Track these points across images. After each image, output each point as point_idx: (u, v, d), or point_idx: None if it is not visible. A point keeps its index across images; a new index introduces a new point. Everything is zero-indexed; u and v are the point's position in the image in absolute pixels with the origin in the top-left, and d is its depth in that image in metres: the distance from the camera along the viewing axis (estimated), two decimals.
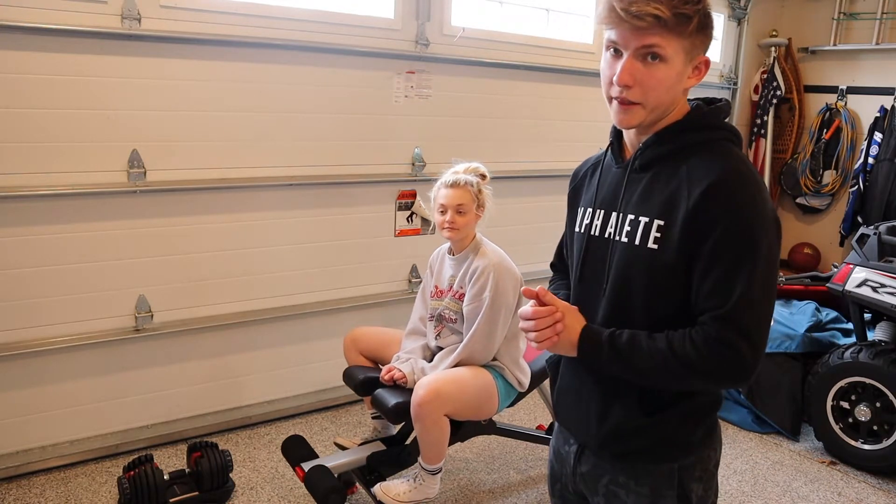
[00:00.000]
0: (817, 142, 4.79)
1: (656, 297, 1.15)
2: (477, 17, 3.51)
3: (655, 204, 1.13)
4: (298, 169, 3.08)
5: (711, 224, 1.07)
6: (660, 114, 1.13)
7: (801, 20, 4.90)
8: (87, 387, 2.77)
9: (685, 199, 1.09)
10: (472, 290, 2.28)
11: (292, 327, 3.23)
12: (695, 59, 1.12)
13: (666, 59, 1.08)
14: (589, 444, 1.28)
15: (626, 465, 1.24)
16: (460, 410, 2.27)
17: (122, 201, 2.71)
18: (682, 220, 1.09)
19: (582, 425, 1.29)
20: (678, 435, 1.21)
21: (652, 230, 1.12)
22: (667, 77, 1.09)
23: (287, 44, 2.92)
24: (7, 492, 2.55)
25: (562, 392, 1.36)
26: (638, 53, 1.08)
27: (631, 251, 1.16)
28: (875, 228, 3.22)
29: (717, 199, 1.07)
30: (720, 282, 1.07)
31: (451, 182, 2.31)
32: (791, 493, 2.81)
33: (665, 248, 1.11)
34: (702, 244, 1.08)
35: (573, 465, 1.32)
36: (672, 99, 1.13)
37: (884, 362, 2.87)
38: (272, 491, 2.65)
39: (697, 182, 1.09)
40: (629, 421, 1.20)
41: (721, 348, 1.07)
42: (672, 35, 1.06)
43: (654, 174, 1.16)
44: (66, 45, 2.49)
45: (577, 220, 1.31)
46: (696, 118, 1.16)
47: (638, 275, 1.15)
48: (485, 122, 3.62)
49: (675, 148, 1.15)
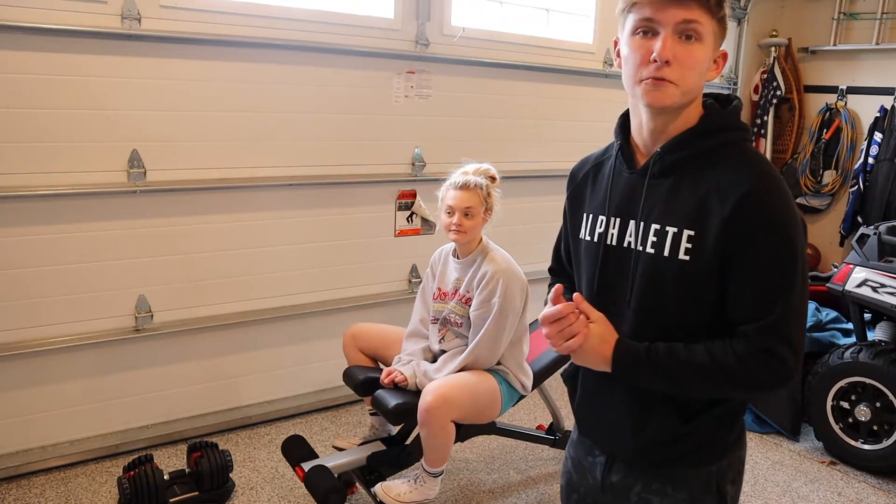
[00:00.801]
0: (817, 142, 4.79)
1: (689, 307, 1.11)
2: (477, 17, 3.51)
3: (683, 213, 1.09)
4: (298, 169, 3.08)
5: (750, 233, 1.04)
6: (688, 100, 1.10)
7: (801, 20, 4.90)
8: (88, 387, 2.77)
9: (718, 208, 1.06)
10: (481, 295, 2.27)
11: (292, 327, 3.23)
12: (717, 47, 1.10)
13: (702, 38, 1.05)
14: (622, 454, 1.25)
15: (662, 472, 1.21)
16: (466, 415, 2.27)
17: (122, 201, 2.71)
18: (717, 230, 1.05)
19: (613, 437, 1.26)
20: (715, 438, 1.19)
21: (682, 241, 1.08)
22: (703, 58, 1.07)
23: (287, 44, 2.92)
24: (7, 492, 2.55)
25: (585, 404, 1.33)
26: (677, 29, 1.05)
27: (659, 263, 1.11)
28: (875, 228, 3.22)
29: (754, 207, 1.04)
30: (763, 291, 1.05)
31: (461, 184, 2.29)
32: (791, 493, 2.81)
33: (698, 259, 1.07)
34: (740, 252, 1.05)
35: (601, 476, 1.29)
36: (700, 87, 1.10)
37: (884, 362, 2.87)
38: (272, 491, 2.65)
39: (730, 189, 1.05)
40: (668, 430, 1.18)
41: (767, 358, 1.05)
42: (710, 15, 1.05)
43: (676, 180, 1.12)
44: (66, 45, 2.49)
45: (585, 227, 1.26)
46: (717, 120, 1.13)
47: (668, 286, 1.11)
48: (485, 122, 3.62)
49: (698, 152, 1.11)
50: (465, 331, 2.34)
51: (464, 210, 2.27)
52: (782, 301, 1.05)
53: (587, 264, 1.25)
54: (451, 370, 2.28)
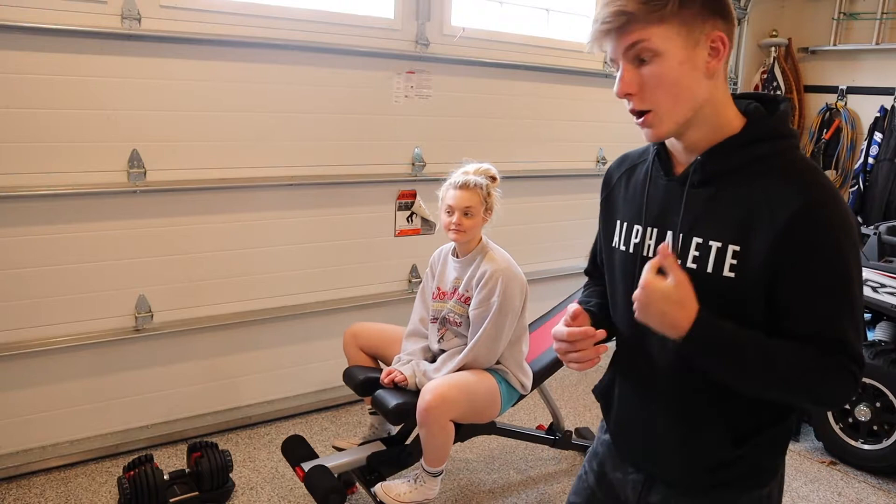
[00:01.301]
0: (817, 142, 4.79)
1: None
2: (477, 17, 3.51)
3: (728, 227, 1.01)
4: (298, 169, 3.08)
5: (807, 250, 0.96)
6: (685, 116, 1.01)
7: (801, 20, 4.90)
8: (88, 387, 2.77)
9: (769, 223, 0.97)
10: (480, 294, 2.27)
11: (292, 327, 3.23)
12: (702, 39, 0.98)
13: (657, 52, 0.96)
14: (667, 476, 1.19)
15: (707, 496, 1.15)
16: (465, 415, 2.27)
17: (122, 201, 2.71)
18: (767, 246, 0.97)
19: (656, 457, 1.19)
20: (766, 461, 1.14)
21: (727, 257, 1.00)
22: (667, 71, 0.97)
23: (287, 44, 2.92)
24: (7, 492, 2.55)
25: (624, 421, 1.25)
26: (629, 58, 0.99)
27: (701, 279, 1.02)
28: (875, 228, 3.22)
29: (809, 224, 0.96)
30: (829, 314, 0.99)
31: (461, 183, 2.29)
32: (791, 493, 2.81)
33: (744, 277, 1.00)
34: (796, 272, 0.97)
35: (634, 496, 1.23)
36: (694, 95, 1.00)
37: (884, 362, 2.87)
38: (272, 491, 2.65)
39: (782, 203, 0.97)
40: (717, 453, 1.11)
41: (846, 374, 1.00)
42: (651, 25, 0.95)
43: (718, 191, 1.03)
44: (66, 45, 2.49)
45: (619, 236, 1.18)
46: (763, 128, 1.03)
47: (711, 304, 1.00)
48: (485, 122, 3.62)
49: (742, 162, 1.02)
50: (464, 330, 2.34)
51: (463, 209, 2.27)
52: (850, 321, 1.00)
53: (622, 277, 1.17)
54: (451, 369, 2.28)
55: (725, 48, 0.99)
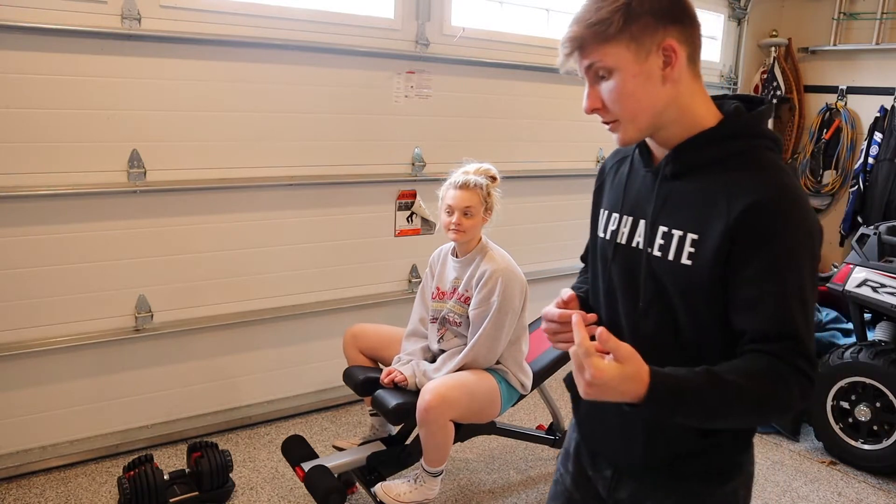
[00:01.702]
0: (817, 142, 4.79)
1: (697, 317, 1.06)
2: (477, 17, 3.51)
3: (689, 216, 1.06)
4: (298, 169, 3.08)
5: (761, 244, 0.98)
6: (649, 121, 1.06)
7: (801, 20, 4.90)
8: (87, 387, 2.77)
9: (725, 214, 1.01)
10: (480, 294, 2.27)
11: (292, 327, 3.23)
12: (653, 49, 1.02)
13: (611, 68, 1.03)
14: (632, 469, 1.20)
15: (678, 490, 1.16)
16: (465, 415, 2.27)
17: (122, 201, 2.71)
18: (719, 236, 1.01)
19: (622, 449, 1.20)
20: (733, 455, 1.15)
21: (686, 245, 1.05)
22: (623, 86, 1.03)
23: (287, 44, 2.92)
24: (7, 492, 2.55)
25: (590, 415, 1.27)
26: (590, 77, 1.07)
27: (665, 266, 1.07)
28: (875, 228, 3.22)
29: (763, 218, 0.98)
30: (778, 309, 0.99)
31: (461, 183, 2.29)
32: (791, 493, 2.81)
33: (700, 265, 1.03)
34: (749, 264, 1.00)
35: (608, 491, 1.24)
36: (653, 102, 1.05)
37: (884, 362, 2.87)
38: (272, 491, 2.65)
39: (740, 196, 1.00)
40: (683, 444, 1.12)
41: (798, 376, 0.99)
42: (600, 45, 1.02)
43: (688, 183, 1.08)
44: (66, 45, 2.49)
45: (602, 224, 1.23)
46: (735, 126, 1.07)
47: (675, 291, 1.07)
48: (485, 122, 3.62)
49: (713, 157, 1.06)
50: (464, 330, 2.34)
51: (463, 209, 2.27)
52: (801, 317, 1.00)
53: (600, 262, 1.22)
54: (450, 369, 2.28)
55: (677, 55, 1.03)
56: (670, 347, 1.09)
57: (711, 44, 4.74)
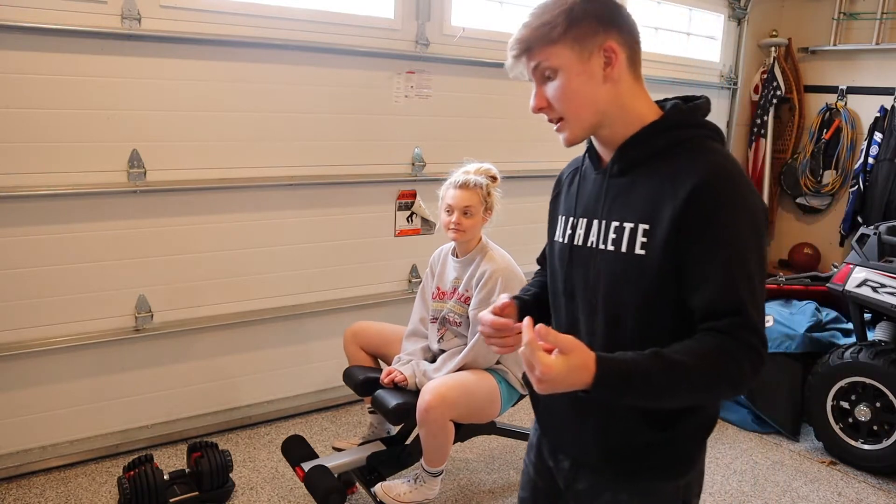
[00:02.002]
0: (817, 142, 4.79)
1: (652, 307, 1.09)
2: (477, 17, 3.51)
3: (639, 208, 1.09)
4: (298, 169, 3.08)
5: (704, 225, 1.02)
6: (594, 121, 1.11)
7: (801, 20, 4.90)
8: (87, 387, 2.77)
9: (671, 200, 1.04)
10: (480, 294, 2.27)
11: (292, 327, 3.23)
12: (595, 50, 1.07)
13: (557, 69, 1.09)
14: (588, 461, 1.22)
15: (632, 483, 1.19)
16: (465, 415, 2.27)
17: (122, 201, 2.71)
18: (669, 221, 1.04)
19: (579, 441, 1.22)
20: (688, 451, 1.17)
21: (638, 235, 1.08)
22: (567, 85, 1.09)
23: (287, 44, 2.92)
24: (7, 492, 2.55)
25: (549, 405, 1.29)
26: (537, 78, 1.12)
27: (619, 259, 1.11)
28: (875, 228, 3.22)
29: (706, 199, 1.02)
30: (724, 284, 1.02)
31: (461, 183, 2.30)
32: (791, 493, 2.81)
33: (653, 253, 1.07)
34: (695, 245, 1.03)
35: (566, 482, 1.27)
36: (597, 101, 1.10)
37: (884, 362, 2.87)
38: (272, 491, 2.65)
39: (683, 182, 1.04)
40: (637, 437, 1.14)
41: (746, 351, 1.01)
42: (546, 47, 1.08)
43: (634, 178, 1.12)
44: (66, 45, 2.49)
45: (559, 230, 1.27)
46: (674, 118, 1.12)
47: (628, 284, 1.10)
48: (485, 122, 3.62)
49: (655, 150, 1.11)
50: (464, 330, 2.34)
51: (463, 209, 2.28)
52: (747, 292, 1.03)
53: (558, 266, 1.26)
54: (450, 369, 2.28)
55: (617, 56, 1.09)
56: (627, 340, 1.10)
57: (711, 44, 4.74)
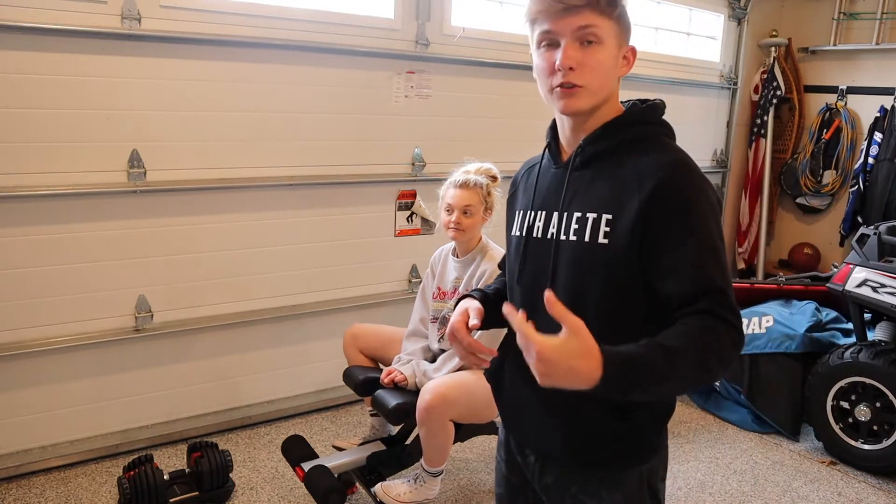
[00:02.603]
0: (817, 142, 4.79)
1: (612, 295, 1.12)
2: (477, 17, 3.51)
3: (602, 199, 1.13)
4: (298, 169, 3.08)
5: (671, 215, 1.07)
6: (600, 100, 1.15)
7: (801, 20, 4.90)
8: (87, 387, 2.77)
9: (636, 192, 1.09)
10: None
11: (293, 327, 3.23)
12: (623, 48, 1.15)
13: (602, 40, 1.11)
14: (554, 454, 1.24)
15: (596, 473, 1.21)
16: (465, 415, 2.27)
17: (122, 201, 2.71)
18: (635, 212, 1.08)
19: (544, 435, 1.24)
20: (649, 437, 1.19)
21: (601, 225, 1.11)
22: (606, 59, 1.12)
23: (287, 44, 2.92)
24: (7, 492, 2.55)
25: (512, 400, 1.31)
26: (575, 37, 1.10)
27: (580, 249, 1.13)
28: (875, 228, 3.22)
29: (672, 191, 1.08)
30: (698, 268, 1.06)
31: (461, 182, 2.30)
32: (791, 493, 2.81)
33: (616, 242, 1.10)
34: (663, 235, 1.07)
35: (535, 476, 1.28)
36: (610, 86, 1.15)
37: (884, 362, 2.87)
38: (272, 491, 2.65)
39: (647, 175, 1.09)
40: (602, 426, 1.16)
41: (728, 328, 1.03)
42: (604, 17, 1.10)
43: (595, 170, 1.16)
44: (66, 45, 2.49)
45: (516, 224, 1.29)
46: (635, 115, 1.18)
47: (590, 273, 1.13)
48: (485, 122, 3.62)
49: (616, 144, 1.16)
50: None
51: (463, 208, 2.28)
52: (719, 274, 1.06)
53: (514, 259, 1.28)
54: (450, 369, 2.28)
55: (633, 59, 1.18)
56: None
57: (711, 44, 4.73)
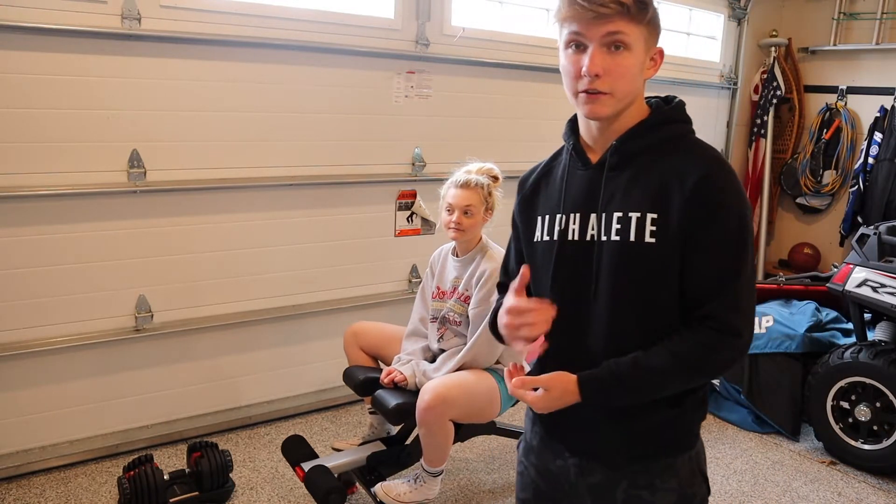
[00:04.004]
0: (817, 142, 4.79)
1: (659, 290, 1.14)
2: (477, 17, 3.51)
3: (644, 198, 1.13)
4: (298, 169, 3.08)
5: (710, 213, 1.10)
6: (625, 105, 1.15)
7: (801, 20, 4.90)
8: (87, 387, 2.77)
9: (679, 190, 1.10)
10: (480, 293, 2.27)
11: (292, 327, 3.23)
12: (651, 50, 1.15)
13: (630, 46, 1.10)
14: (604, 452, 1.23)
15: (647, 465, 1.21)
16: (465, 415, 2.27)
17: (122, 201, 2.71)
18: (679, 210, 1.10)
19: (590, 435, 1.24)
20: (694, 422, 1.23)
21: (647, 224, 1.12)
22: (633, 65, 1.12)
23: (287, 44, 2.92)
24: (7, 492, 2.55)
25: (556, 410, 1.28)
26: (603, 42, 1.09)
27: (626, 248, 1.14)
28: (875, 228, 3.22)
29: (712, 189, 1.10)
30: (722, 267, 1.11)
31: (462, 182, 2.30)
32: (791, 493, 2.81)
33: (664, 241, 1.11)
34: (700, 232, 1.10)
35: (575, 478, 1.26)
36: (636, 89, 1.16)
37: (884, 362, 2.87)
38: (272, 491, 2.65)
39: (689, 173, 1.11)
40: (655, 415, 1.19)
41: (730, 337, 1.11)
42: (633, 23, 1.09)
43: (632, 170, 1.16)
44: (67, 45, 2.49)
45: (541, 229, 1.27)
46: (666, 114, 1.19)
47: (634, 272, 1.14)
48: (485, 122, 3.62)
49: (651, 143, 1.17)
50: (463, 329, 2.34)
51: (463, 208, 2.28)
52: (737, 278, 1.11)
53: (544, 264, 1.25)
54: (450, 369, 2.28)
55: (661, 61, 1.18)
56: (630, 326, 1.16)
57: (711, 44, 4.73)
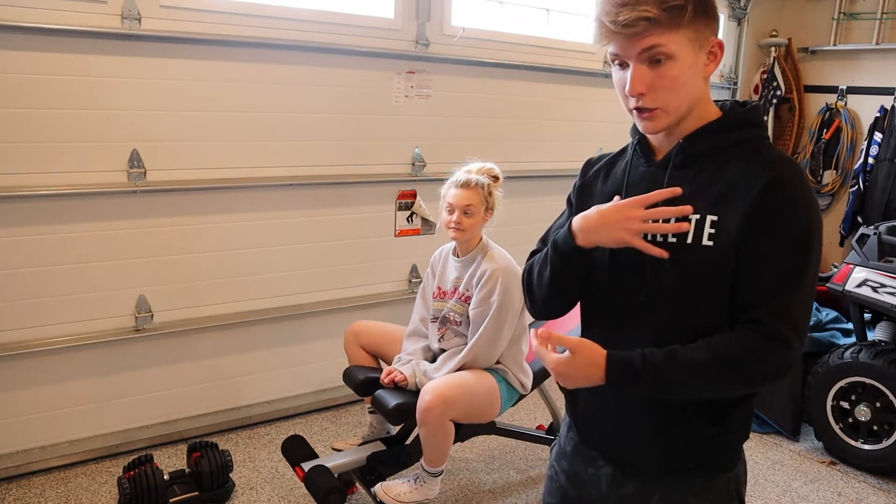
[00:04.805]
0: (817, 142, 4.79)
1: (712, 294, 1.09)
2: (477, 17, 3.51)
3: (706, 201, 1.08)
4: (298, 169, 3.08)
5: (774, 220, 1.04)
6: (683, 113, 1.10)
7: (801, 20, 4.90)
8: (87, 387, 2.77)
9: (743, 195, 1.05)
10: (480, 293, 2.27)
11: (292, 327, 3.23)
12: (705, 45, 1.07)
13: (672, 55, 1.04)
14: (638, 462, 1.21)
15: (683, 481, 1.18)
16: (465, 415, 2.27)
17: (122, 201, 2.71)
18: (741, 215, 1.05)
19: (628, 444, 1.21)
20: (735, 441, 1.18)
21: (706, 227, 1.07)
22: (679, 74, 1.05)
23: (287, 44, 2.92)
24: (7, 492, 2.55)
25: (591, 411, 1.27)
26: (642, 59, 1.05)
27: (683, 251, 1.09)
28: (875, 228, 3.22)
29: (778, 196, 1.04)
30: (778, 277, 1.05)
31: (462, 182, 2.30)
32: (791, 493, 2.81)
33: (721, 245, 1.06)
34: (760, 238, 1.05)
35: (607, 489, 1.24)
36: (693, 93, 1.09)
37: (884, 362, 2.87)
38: (272, 491, 2.65)
39: (755, 178, 1.05)
40: (697, 433, 1.15)
41: (774, 345, 1.04)
42: (669, 31, 1.02)
43: (696, 171, 1.11)
44: (67, 45, 2.49)
45: None
46: (739, 116, 1.14)
47: (692, 275, 1.09)
48: (485, 122, 3.62)
49: (719, 145, 1.11)
50: (464, 329, 2.34)
51: (463, 208, 2.27)
52: (794, 288, 1.05)
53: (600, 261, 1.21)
54: (450, 369, 2.28)
55: (721, 53, 1.10)
56: (683, 327, 1.10)
57: None
